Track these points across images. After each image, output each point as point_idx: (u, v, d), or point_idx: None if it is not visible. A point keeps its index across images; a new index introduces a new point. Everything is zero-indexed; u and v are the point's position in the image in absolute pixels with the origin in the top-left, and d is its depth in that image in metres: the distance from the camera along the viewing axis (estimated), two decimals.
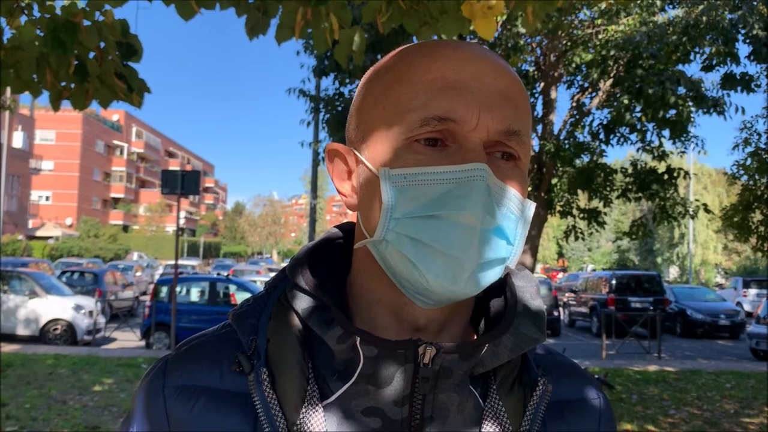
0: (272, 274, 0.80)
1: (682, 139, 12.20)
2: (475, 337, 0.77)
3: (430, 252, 0.62)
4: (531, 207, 0.69)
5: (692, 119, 11.58)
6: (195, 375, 0.71)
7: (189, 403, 0.69)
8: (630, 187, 12.77)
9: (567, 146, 11.97)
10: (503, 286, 0.77)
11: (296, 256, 0.75)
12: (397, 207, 0.64)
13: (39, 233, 49.04)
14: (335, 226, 0.82)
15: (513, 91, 0.67)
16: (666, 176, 12.40)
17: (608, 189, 12.83)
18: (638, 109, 11.65)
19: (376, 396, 0.67)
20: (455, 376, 0.68)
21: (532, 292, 0.74)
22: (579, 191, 12.84)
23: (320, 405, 0.67)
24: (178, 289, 13.22)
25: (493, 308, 0.77)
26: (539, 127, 12.62)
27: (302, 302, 0.71)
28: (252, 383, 0.67)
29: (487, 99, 0.65)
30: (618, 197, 13.16)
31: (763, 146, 14.89)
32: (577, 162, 12.36)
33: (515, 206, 0.66)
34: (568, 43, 11.73)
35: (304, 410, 0.66)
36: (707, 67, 11.61)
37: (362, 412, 0.68)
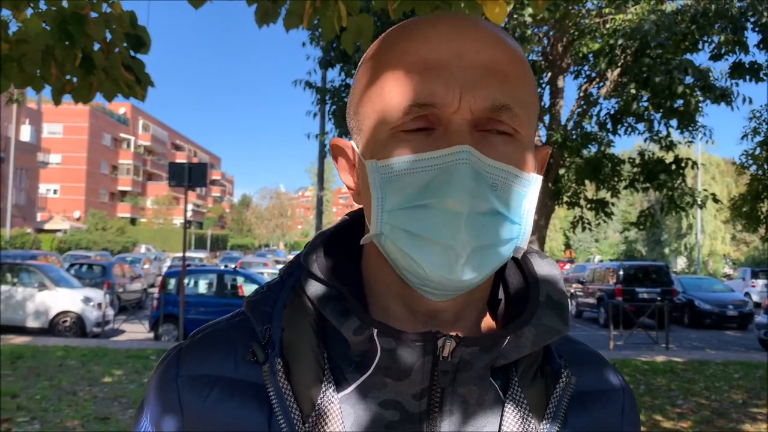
0: (280, 266, 0.79)
1: (690, 128, 12.14)
2: (494, 324, 0.76)
3: (422, 242, 0.61)
4: (537, 181, 0.66)
5: (700, 109, 11.51)
6: (209, 364, 0.70)
7: (203, 392, 0.68)
8: (637, 177, 12.72)
9: (574, 136, 11.93)
10: (523, 270, 0.75)
11: (311, 243, 0.74)
12: (387, 199, 0.63)
13: (47, 226, 49.29)
14: (350, 213, 0.80)
15: (500, 63, 0.63)
16: (674, 166, 12.34)
17: (616, 179, 12.80)
18: (645, 98, 11.59)
19: (393, 388, 0.66)
20: (475, 369, 0.66)
21: (555, 281, 0.72)
22: (586, 182, 12.81)
23: (336, 396, 0.66)
24: (186, 281, 13.27)
25: (512, 292, 0.75)
26: (546, 118, 12.57)
27: (317, 291, 0.69)
28: (266, 373, 0.66)
29: (468, 76, 0.61)
30: (625, 188, 13.12)
31: None
32: (585, 152, 12.32)
33: (515, 183, 0.63)
34: (576, 33, 11.67)
35: (319, 401, 0.65)
36: (716, 56, 11.52)
37: (380, 404, 0.66)
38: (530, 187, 0.65)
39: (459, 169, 0.59)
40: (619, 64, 11.41)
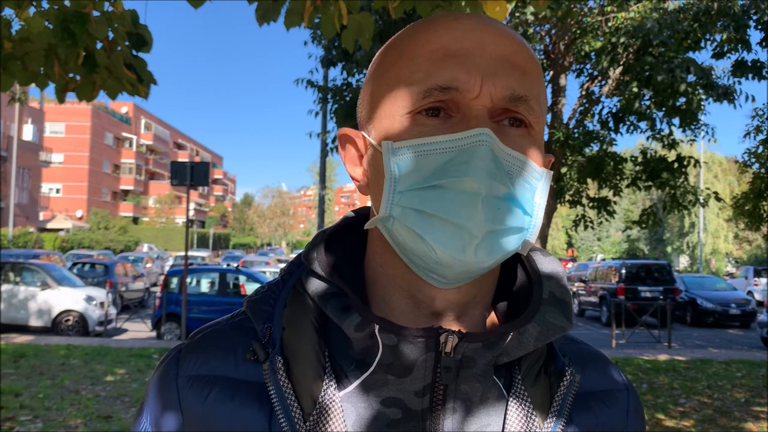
0: (282, 265, 0.78)
1: (692, 127, 12.12)
2: (498, 323, 0.75)
3: (435, 222, 0.60)
4: (547, 176, 0.66)
5: (702, 107, 11.49)
6: (209, 364, 0.69)
7: (203, 392, 0.68)
8: (640, 175, 12.71)
9: (576, 135, 11.92)
10: (526, 268, 0.74)
11: (312, 242, 0.73)
12: (401, 180, 0.62)
13: (50, 225, 49.36)
14: (352, 211, 0.80)
15: (518, 57, 0.65)
16: (676, 165, 12.33)
17: (618, 178, 12.79)
18: (647, 97, 11.58)
19: (395, 386, 0.65)
20: (478, 366, 0.65)
21: (558, 278, 0.72)
22: (588, 180, 12.80)
23: (338, 395, 0.65)
24: (188, 280, 13.29)
25: (515, 290, 0.75)
26: (548, 116, 12.56)
27: (318, 288, 0.68)
28: (267, 372, 0.66)
29: (490, 66, 0.63)
30: (628, 186, 13.12)
31: None
32: (587, 151, 12.32)
33: (529, 174, 0.64)
34: (578, 31, 11.65)
35: (320, 400, 0.64)
36: (718, 54, 11.51)
37: (381, 402, 0.65)
38: (541, 181, 0.65)
39: (479, 151, 0.60)
40: (621, 63, 11.38)
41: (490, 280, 0.71)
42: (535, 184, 0.65)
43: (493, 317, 0.75)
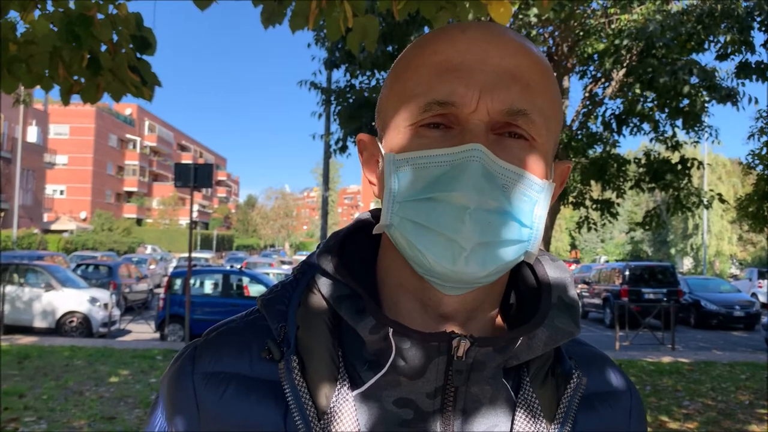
0: (285, 267, 0.79)
1: (696, 129, 12.10)
2: (504, 325, 0.77)
3: (428, 234, 0.62)
4: (549, 188, 0.66)
5: (706, 109, 11.47)
6: (224, 362, 0.70)
7: (218, 390, 0.68)
8: (643, 177, 12.70)
9: (580, 137, 11.92)
10: (535, 273, 0.75)
11: (326, 243, 0.75)
12: (399, 191, 0.65)
13: (54, 227, 49.44)
14: (367, 212, 0.81)
15: (522, 70, 0.65)
16: (680, 166, 12.32)
17: (621, 179, 12.78)
18: (651, 98, 11.57)
19: (408, 387, 0.66)
20: (488, 369, 0.67)
21: (567, 284, 0.73)
22: (592, 182, 12.79)
23: (351, 394, 0.67)
24: (191, 281, 13.30)
25: (524, 297, 0.76)
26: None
27: (332, 290, 0.70)
28: (282, 371, 0.67)
29: (489, 80, 0.63)
30: (631, 188, 13.11)
31: None
32: (590, 152, 12.31)
33: (527, 187, 0.64)
34: (581, 33, 11.65)
35: (334, 399, 0.66)
36: (722, 56, 11.49)
37: (394, 402, 0.67)
38: (543, 193, 0.66)
39: (470, 166, 0.61)
40: (625, 65, 11.38)
41: (498, 286, 0.72)
42: (535, 197, 0.65)
43: (500, 321, 0.76)
